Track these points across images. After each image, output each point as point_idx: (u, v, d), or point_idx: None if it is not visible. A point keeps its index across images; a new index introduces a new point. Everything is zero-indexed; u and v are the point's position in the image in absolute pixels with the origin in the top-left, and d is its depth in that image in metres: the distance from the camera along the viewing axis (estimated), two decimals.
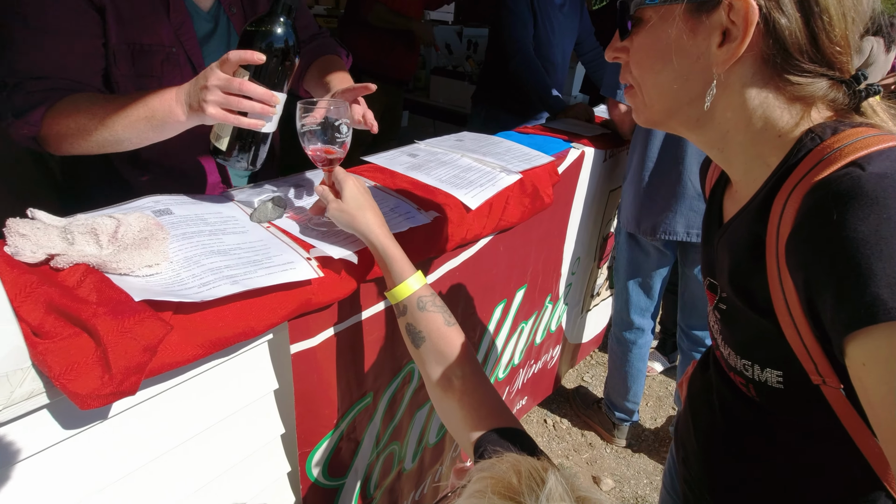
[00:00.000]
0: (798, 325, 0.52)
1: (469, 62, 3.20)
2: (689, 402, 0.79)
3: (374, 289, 0.93)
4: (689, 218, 1.57)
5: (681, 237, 1.59)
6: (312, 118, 0.78)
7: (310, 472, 0.95)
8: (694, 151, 1.50)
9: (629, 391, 1.97)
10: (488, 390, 0.73)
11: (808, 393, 0.55)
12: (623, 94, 1.54)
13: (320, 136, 0.79)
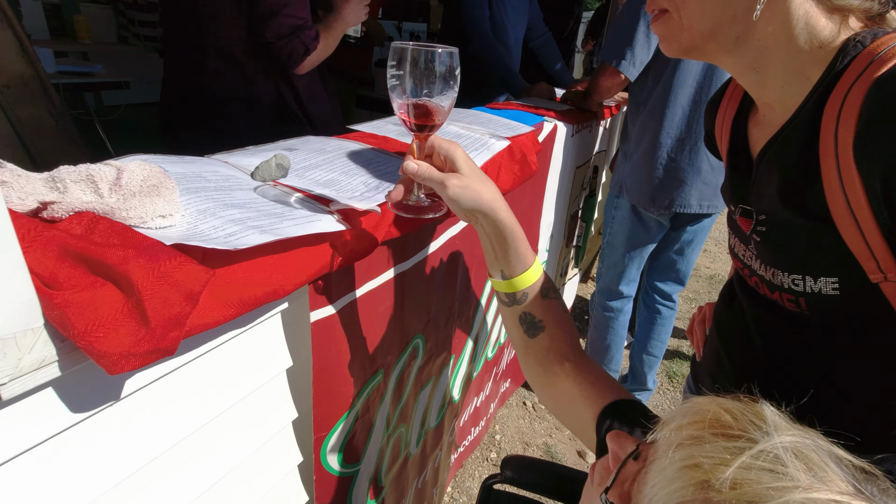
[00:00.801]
0: (862, 224, 0.54)
1: None
2: (721, 338, 0.80)
3: (384, 253, 0.87)
4: (703, 191, 1.64)
5: (695, 210, 1.66)
6: (411, 63, 0.61)
7: (325, 459, 0.87)
8: None
9: (612, 360, 2.02)
10: (597, 365, 0.71)
11: (866, 294, 0.57)
12: (625, 63, 1.56)
13: (420, 87, 0.61)
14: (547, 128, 1.54)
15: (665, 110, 1.59)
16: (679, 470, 0.38)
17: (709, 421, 0.40)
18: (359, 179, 0.81)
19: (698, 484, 0.36)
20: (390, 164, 0.91)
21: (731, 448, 0.37)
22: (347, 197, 0.74)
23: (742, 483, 0.35)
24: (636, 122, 1.71)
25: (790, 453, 0.35)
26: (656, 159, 1.63)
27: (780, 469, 0.35)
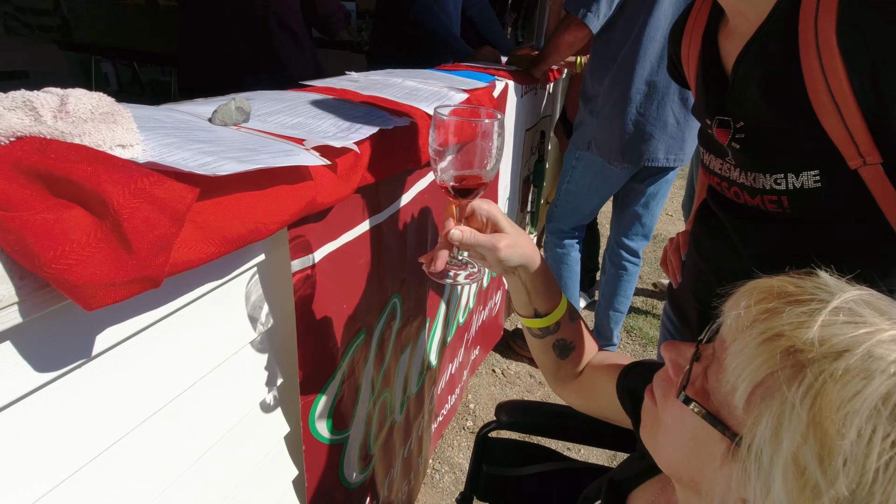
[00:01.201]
0: (843, 110, 0.56)
1: (348, 30, 3.07)
2: (703, 255, 0.82)
3: (359, 202, 0.83)
4: (669, 145, 1.68)
5: (662, 163, 1.70)
6: (453, 133, 0.58)
7: (313, 427, 0.82)
8: (674, 84, 1.60)
9: (572, 298, 2.08)
10: (606, 351, 0.79)
11: (845, 183, 0.60)
12: (591, 15, 1.55)
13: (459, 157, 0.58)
14: (499, 85, 1.53)
15: (635, 66, 1.62)
16: (760, 344, 0.39)
17: (776, 293, 0.41)
18: (328, 122, 0.76)
19: (784, 351, 0.37)
20: (358, 109, 0.86)
21: (806, 311, 0.38)
22: (320, 137, 0.69)
23: (828, 338, 0.36)
24: (604, 79, 1.72)
25: (862, 304, 0.37)
26: (626, 114, 1.66)
27: (858, 319, 0.36)
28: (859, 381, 0.34)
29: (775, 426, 0.36)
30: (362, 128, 0.76)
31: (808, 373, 0.35)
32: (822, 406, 0.34)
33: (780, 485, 0.36)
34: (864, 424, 0.33)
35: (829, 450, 0.34)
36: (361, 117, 0.81)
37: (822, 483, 0.34)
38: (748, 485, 0.39)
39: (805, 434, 0.35)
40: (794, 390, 0.36)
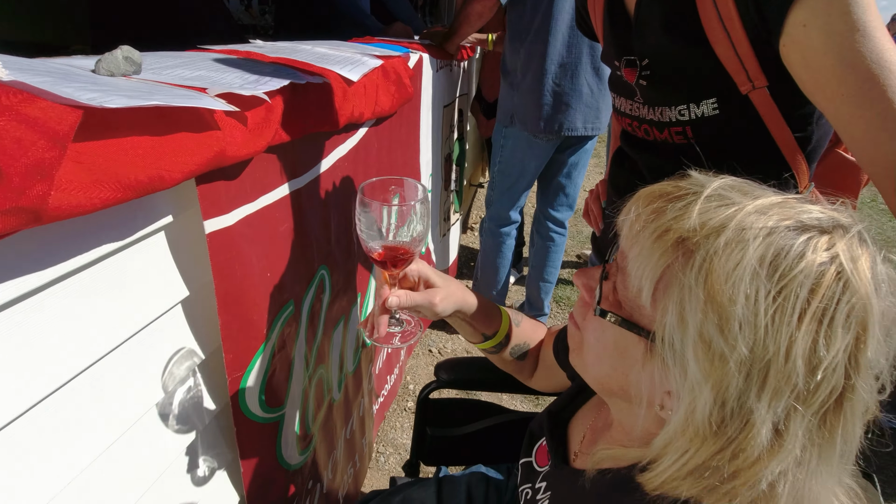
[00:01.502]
0: (733, 37, 0.60)
1: (250, 13, 2.91)
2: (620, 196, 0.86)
3: (275, 164, 0.78)
4: (586, 114, 1.73)
5: (581, 132, 1.75)
6: (373, 208, 0.62)
7: (244, 404, 0.77)
8: (587, 53, 1.64)
9: (500, 283, 2.13)
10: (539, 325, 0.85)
11: (739, 107, 0.65)
12: None
13: (393, 231, 0.62)
14: (414, 58, 1.52)
15: (548, 37, 1.66)
16: (653, 243, 0.42)
17: (659, 195, 0.44)
18: (232, 75, 0.71)
19: (674, 243, 0.41)
20: (265, 67, 0.81)
21: (684, 204, 0.42)
22: (225, 87, 0.64)
23: (706, 222, 0.40)
24: (520, 52, 1.75)
25: (728, 189, 0.42)
26: (544, 86, 1.71)
27: (727, 201, 0.41)
28: (738, 252, 0.37)
29: (679, 311, 0.40)
30: (271, 80, 0.71)
31: (697, 256, 0.39)
32: (713, 281, 0.38)
33: (694, 363, 0.39)
34: (748, 288, 0.36)
35: (726, 318, 0.37)
36: (270, 72, 0.77)
37: (726, 349, 0.37)
38: (669, 375, 0.42)
39: (704, 310, 0.38)
40: (688, 274, 0.39)
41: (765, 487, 0.39)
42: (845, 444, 0.39)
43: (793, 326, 0.36)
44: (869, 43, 0.53)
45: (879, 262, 0.38)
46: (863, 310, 0.36)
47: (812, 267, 0.36)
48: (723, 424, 0.39)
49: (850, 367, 0.36)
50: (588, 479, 0.52)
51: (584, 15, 0.90)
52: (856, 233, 0.39)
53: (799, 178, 0.72)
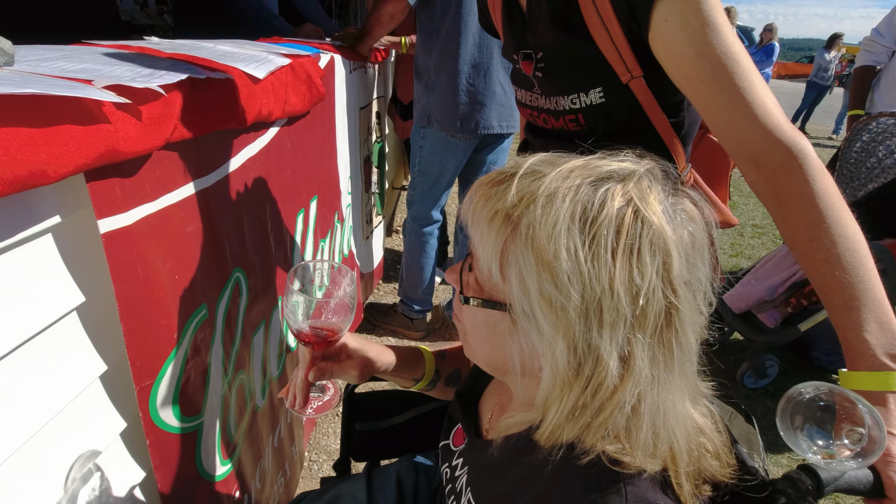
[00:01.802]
0: (610, 30, 0.67)
1: (146, 12, 2.72)
2: None
3: (178, 162, 0.75)
4: (501, 112, 1.77)
5: (496, 130, 1.79)
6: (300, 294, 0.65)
7: (156, 414, 0.74)
8: (497, 54, 1.68)
9: (426, 282, 2.15)
10: None
11: (621, 95, 0.72)
12: None
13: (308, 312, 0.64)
14: (325, 58, 1.51)
15: (459, 38, 1.70)
16: (488, 224, 0.47)
17: (488, 182, 0.50)
18: (123, 68, 0.68)
19: (503, 221, 0.46)
20: (161, 61, 0.78)
21: (506, 185, 0.47)
22: (115, 79, 0.61)
23: (523, 195, 0.46)
24: (432, 52, 1.78)
25: (540, 163, 0.48)
26: (458, 86, 1.74)
27: (538, 174, 0.47)
28: (552, 214, 0.43)
29: (520, 279, 0.45)
30: (168, 74, 0.69)
31: (521, 226, 0.44)
32: (537, 244, 0.43)
33: (543, 321, 0.44)
34: (567, 243, 0.42)
35: (556, 273, 0.43)
36: (166, 66, 0.74)
37: (563, 300, 0.43)
38: (530, 338, 0.47)
39: (538, 271, 0.43)
40: (518, 244, 0.45)
41: (629, 411, 0.44)
42: (684, 355, 0.45)
43: (609, 265, 0.42)
44: (718, 36, 0.61)
45: (668, 196, 0.45)
46: (661, 238, 0.42)
47: (612, 213, 0.42)
48: (580, 367, 0.44)
49: (666, 287, 0.43)
50: (496, 447, 0.56)
51: (486, 13, 0.95)
52: (643, 175, 0.45)
53: (677, 160, 0.81)
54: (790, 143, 0.60)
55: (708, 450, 0.50)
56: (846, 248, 0.57)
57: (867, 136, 1.97)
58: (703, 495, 0.50)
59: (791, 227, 0.61)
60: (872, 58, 2.48)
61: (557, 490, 0.48)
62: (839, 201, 0.59)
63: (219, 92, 0.81)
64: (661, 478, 0.47)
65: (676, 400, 0.46)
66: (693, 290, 0.44)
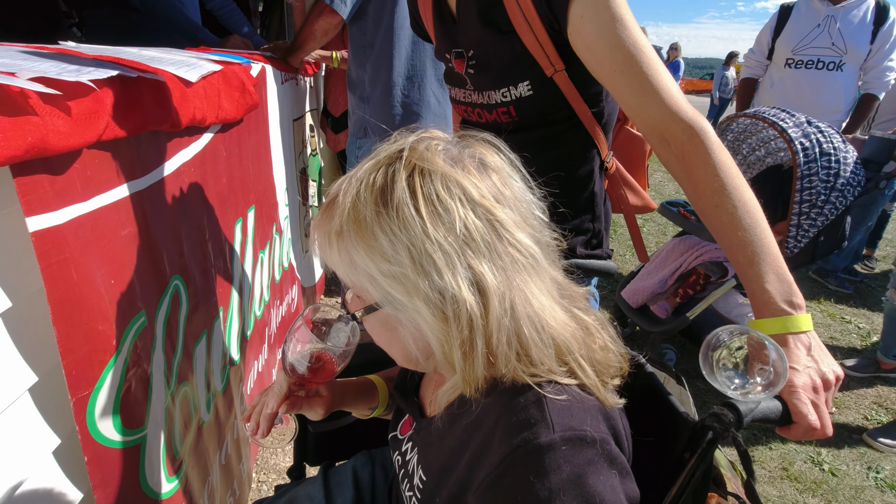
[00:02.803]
0: (533, 27, 0.73)
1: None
2: None
3: (110, 162, 0.73)
4: (436, 123, 1.81)
5: None
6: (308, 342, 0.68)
7: (94, 427, 0.70)
8: (430, 66, 1.71)
9: None
10: None
11: (547, 88, 0.78)
12: (338, 2, 1.56)
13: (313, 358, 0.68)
14: (256, 67, 1.50)
15: (392, 51, 1.72)
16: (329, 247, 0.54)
17: (317, 218, 0.57)
18: (47, 64, 0.66)
19: (335, 238, 0.53)
20: (86, 60, 0.75)
21: (326, 212, 0.55)
22: (40, 73, 0.59)
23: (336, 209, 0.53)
24: (366, 66, 1.78)
25: (339, 182, 0.56)
26: (393, 98, 1.76)
27: (340, 187, 0.55)
28: (360, 210, 0.50)
29: (366, 273, 0.52)
30: (96, 70, 0.67)
31: (343, 233, 0.51)
32: (360, 238, 0.50)
33: (398, 294, 0.51)
34: (381, 225, 0.49)
35: (383, 252, 0.49)
36: (93, 64, 0.72)
37: (399, 269, 0.49)
38: (408, 318, 0.53)
39: (371, 258, 0.50)
40: (351, 248, 0.51)
41: (509, 323, 0.50)
42: (525, 256, 0.52)
43: (417, 220, 0.48)
44: (626, 30, 0.69)
45: (450, 146, 0.54)
46: (451, 177, 0.50)
47: (403, 184, 0.49)
48: (444, 313, 0.49)
49: (477, 209, 0.49)
50: (439, 418, 0.60)
51: (418, 18, 0.99)
52: (417, 142, 0.54)
53: (601, 147, 0.88)
54: (692, 122, 0.68)
55: (597, 344, 0.57)
56: (745, 211, 0.65)
57: (731, 135, 2.21)
58: (608, 383, 0.56)
59: (700, 196, 0.69)
60: (750, 71, 2.91)
61: (493, 436, 0.51)
62: (736, 171, 0.67)
63: (151, 92, 0.79)
64: (576, 387, 0.52)
65: (540, 295, 0.52)
66: (508, 202, 0.51)
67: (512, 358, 0.50)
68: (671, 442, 0.65)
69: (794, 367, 0.62)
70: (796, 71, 2.63)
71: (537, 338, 0.50)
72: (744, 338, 0.62)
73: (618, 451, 0.49)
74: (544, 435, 0.47)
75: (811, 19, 2.57)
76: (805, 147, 1.82)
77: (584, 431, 0.48)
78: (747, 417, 0.57)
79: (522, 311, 0.50)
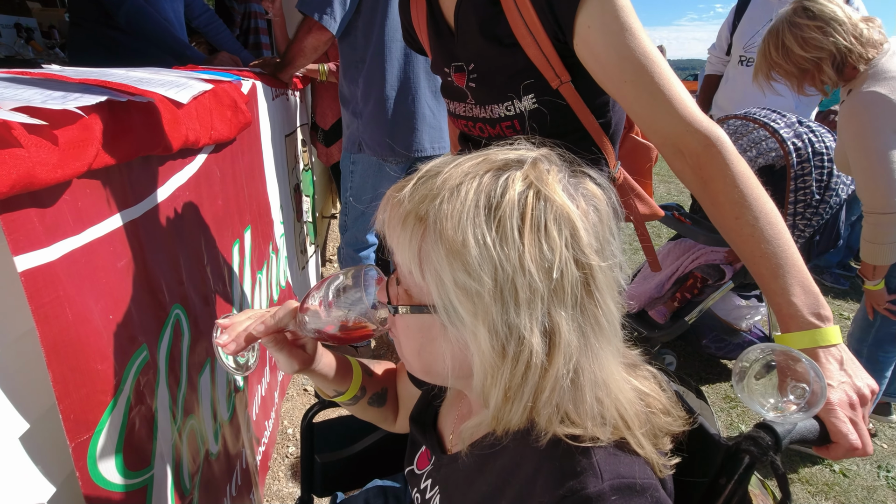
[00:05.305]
0: (538, 39, 0.70)
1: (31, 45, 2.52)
2: None
3: (101, 191, 0.69)
4: (431, 134, 1.77)
5: (429, 152, 1.78)
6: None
7: (96, 472, 0.66)
8: (424, 78, 1.68)
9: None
10: None
11: (553, 100, 0.75)
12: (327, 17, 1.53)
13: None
14: (246, 85, 1.47)
15: (385, 65, 1.69)
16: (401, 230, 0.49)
17: (393, 191, 0.51)
18: (31, 91, 0.62)
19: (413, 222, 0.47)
20: (72, 86, 0.72)
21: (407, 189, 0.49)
22: (23, 101, 0.56)
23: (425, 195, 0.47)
24: (358, 81, 1.75)
25: (440, 163, 0.50)
26: (387, 112, 1.73)
27: (432, 175, 0.48)
28: (457, 206, 0.44)
29: (436, 274, 0.45)
30: (83, 96, 0.64)
31: (429, 222, 0.45)
32: (446, 236, 0.44)
33: (462, 310, 0.45)
34: (475, 230, 0.43)
35: (467, 261, 0.43)
36: (79, 89, 0.68)
37: (478, 286, 0.43)
38: (458, 334, 0.47)
39: (449, 262, 0.44)
40: (429, 240, 0.45)
41: (568, 384, 0.45)
42: (608, 322, 0.47)
43: (518, 245, 0.43)
44: (635, 40, 0.66)
45: (567, 177, 0.48)
46: (565, 212, 0.44)
47: (514, 197, 0.44)
48: (503, 349, 0.44)
49: (579, 258, 0.44)
50: (465, 455, 0.55)
51: (410, 31, 0.96)
52: (539, 159, 0.47)
53: (608, 158, 0.85)
54: (708, 133, 0.65)
55: (657, 408, 0.53)
56: (767, 222, 0.63)
57: None
58: (663, 448, 0.51)
59: (719, 209, 0.66)
60: (712, 68, 2.85)
61: (534, 484, 0.48)
62: (755, 181, 0.65)
63: (141, 116, 0.76)
64: (621, 442, 0.48)
65: (612, 366, 0.48)
66: (607, 259, 0.46)
67: (555, 421, 0.46)
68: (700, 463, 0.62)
69: (829, 382, 0.59)
70: (747, 69, 2.50)
71: (596, 406, 0.46)
72: (776, 353, 0.59)
73: (666, 497, 0.46)
74: (592, 484, 0.43)
75: (763, 14, 2.46)
76: (797, 147, 1.81)
77: (633, 479, 0.44)
78: (785, 440, 0.54)
79: (588, 377, 0.46)
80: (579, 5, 0.66)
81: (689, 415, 0.57)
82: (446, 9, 0.83)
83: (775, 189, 1.92)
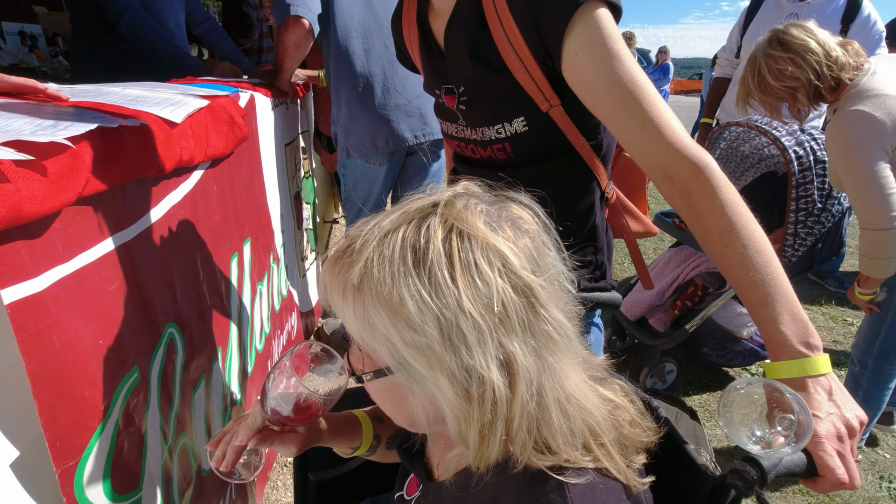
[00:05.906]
0: (526, 64, 0.70)
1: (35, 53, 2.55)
2: None
3: (92, 217, 0.70)
4: (410, 123, 1.75)
5: (411, 141, 1.76)
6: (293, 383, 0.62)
7: (83, 497, 0.66)
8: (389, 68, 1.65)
9: None
10: None
11: (543, 123, 0.75)
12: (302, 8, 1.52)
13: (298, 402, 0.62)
14: (244, 97, 1.47)
15: (344, 67, 1.68)
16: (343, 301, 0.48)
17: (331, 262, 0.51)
18: (21, 121, 0.62)
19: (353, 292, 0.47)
20: (64, 111, 0.72)
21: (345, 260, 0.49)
22: (13, 134, 0.56)
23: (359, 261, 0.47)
24: (331, 87, 1.77)
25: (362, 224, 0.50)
26: (359, 112, 1.73)
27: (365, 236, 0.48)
28: (386, 268, 0.44)
29: (384, 337, 0.46)
30: (74, 125, 0.64)
31: (364, 290, 0.46)
32: (383, 300, 0.44)
33: (418, 366, 0.45)
34: (408, 287, 0.44)
35: (408, 318, 0.44)
36: (71, 116, 0.69)
37: (425, 339, 0.44)
38: (422, 387, 0.48)
39: (393, 324, 0.45)
40: (370, 307, 0.46)
41: (535, 408, 0.45)
42: (560, 335, 0.47)
43: (453, 290, 0.43)
44: (623, 66, 0.66)
45: (487, 206, 0.48)
46: (492, 245, 0.45)
47: (438, 244, 0.44)
48: (467, 392, 0.44)
49: (516, 283, 0.45)
50: (450, 484, 0.56)
51: (404, 51, 0.97)
52: (455, 198, 0.48)
53: (600, 179, 0.85)
54: (696, 159, 0.65)
55: (625, 419, 0.53)
56: (755, 250, 0.62)
57: (724, 143, 2.18)
58: (636, 465, 0.52)
59: (708, 235, 0.65)
60: (721, 70, 2.79)
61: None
62: (744, 208, 0.64)
63: (134, 139, 0.76)
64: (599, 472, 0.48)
65: (573, 376, 0.48)
66: (545, 274, 0.47)
67: (529, 446, 0.46)
68: (688, 495, 0.61)
69: (817, 414, 0.58)
70: None
71: (565, 425, 0.47)
72: (761, 386, 0.59)
73: None
74: None
75: (774, 17, 2.41)
76: (799, 155, 1.80)
77: None
78: (771, 474, 0.54)
79: (552, 395, 0.46)
80: (566, 32, 0.65)
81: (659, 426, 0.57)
82: (437, 31, 0.83)
83: (777, 196, 1.90)
